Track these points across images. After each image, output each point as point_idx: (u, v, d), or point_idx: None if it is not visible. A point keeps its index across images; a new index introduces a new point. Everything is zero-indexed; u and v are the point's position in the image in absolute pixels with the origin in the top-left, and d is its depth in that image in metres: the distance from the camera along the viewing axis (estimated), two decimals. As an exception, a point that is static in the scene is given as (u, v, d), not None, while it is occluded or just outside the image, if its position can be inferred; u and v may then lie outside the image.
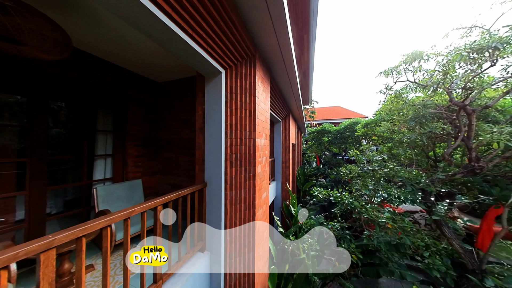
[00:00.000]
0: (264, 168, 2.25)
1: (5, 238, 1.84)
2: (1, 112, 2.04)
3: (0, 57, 1.73)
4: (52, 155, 2.25)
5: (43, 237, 0.72)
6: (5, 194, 1.89)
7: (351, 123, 9.10)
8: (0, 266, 0.61)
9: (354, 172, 4.13)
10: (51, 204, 2.60)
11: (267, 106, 2.37)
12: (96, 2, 0.90)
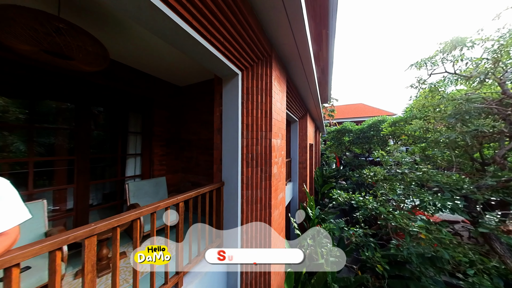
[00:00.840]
0: (280, 168, 2.22)
1: (58, 223, 2.18)
2: (56, 117, 2.43)
3: (55, 71, 2.05)
4: (93, 154, 2.60)
5: (87, 225, 0.83)
6: (59, 187, 2.25)
7: (376, 122, 8.34)
8: (56, 247, 0.72)
9: (379, 174, 3.80)
10: (93, 196, 2.99)
11: (283, 105, 2.33)
12: (128, 17, 1.01)
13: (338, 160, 11.40)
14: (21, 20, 1.15)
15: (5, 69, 1.75)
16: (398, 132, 5.87)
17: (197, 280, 1.41)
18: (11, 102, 2.13)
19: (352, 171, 8.56)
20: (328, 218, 4.21)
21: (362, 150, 9.70)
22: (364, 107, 17.99)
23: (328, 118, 13.91)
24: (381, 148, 7.36)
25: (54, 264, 0.73)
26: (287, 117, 4.15)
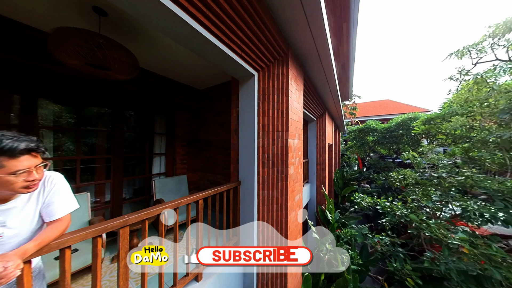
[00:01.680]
0: (297, 169, 2.17)
1: (98, 214, 2.50)
2: (97, 121, 2.79)
3: (96, 81, 2.35)
4: (126, 153, 2.92)
5: (121, 217, 0.93)
6: (99, 181, 2.57)
7: (406, 119, 7.50)
8: (98, 234, 0.83)
9: (410, 178, 3.42)
10: (125, 191, 3.35)
11: (300, 105, 2.27)
12: (154, 29, 1.10)
13: (361, 162, 10.61)
14: (71, 39, 1.35)
15: (58, 81, 2.08)
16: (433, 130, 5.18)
17: (214, 276, 1.46)
18: (64, 109, 2.52)
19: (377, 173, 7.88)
20: (349, 223, 3.95)
21: (389, 151, 8.85)
22: (391, 103, 16.38)
23: (349, 117, 13.05)
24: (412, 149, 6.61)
25: (96, 248, 0.84)
26: (305, 116, 4.03)
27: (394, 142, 7.99)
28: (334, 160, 7.59)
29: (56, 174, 0.82)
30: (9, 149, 0.61)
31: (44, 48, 1.75)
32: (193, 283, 1.34)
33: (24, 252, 0.64)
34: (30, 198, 0.75)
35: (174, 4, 0.96)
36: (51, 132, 2.32)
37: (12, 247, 0.69)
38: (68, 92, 2.19)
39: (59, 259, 0.76)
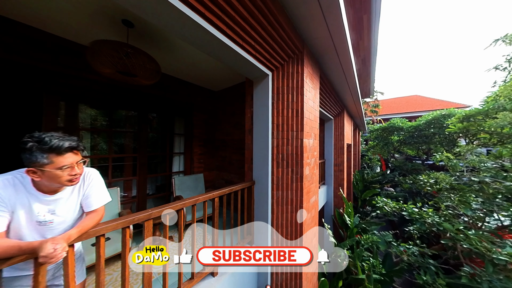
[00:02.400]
0: (313, 170, 2.10)
1: (126, 207, 2.75)
2: (125, 123, 3.07)
3: (124, 87, 2.59)
4: (149, 152, 3.18)
5: (145, 210, 1.02)
6: (127, 178, 2.83)
7: (438, 116, 6.67)
8: (126, 225, 0.92)
9: (443, 182, 3.06)
10: (149, 187, 3.63)
11: (316, 103, 2.20)
12: (174, 35, 1.18)
13: (384, 163, 9.81)
14: (104, 50, 1.52)
15: (95, 88, 2.35)
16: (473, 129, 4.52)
17: (229, 274, 1.50)
18: (98, 113, 2.84)
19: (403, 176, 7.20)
20: (370, 229, 3.69)
21: (418, 152, 8.02)
22: (419, 99, 14.81)
23: (371, 115, 12.18)
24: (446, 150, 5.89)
25: (125, 238, 0.93)
26: (321, 115, 3.88)
27: (423, 142, 7.20)
28: (353, 161, 7.16)
29: (93, 170, 0.93)
30: (57, 148, 0.71)
31: (83, 59, 1.99)
32: (209, 277, 1.39)
33: (69, 237, 0.73)
34: (73, 190, 0.86)
35: (192, 11, 1.01)
36: (88, 133, 2.63)
37: (59, 232, 0.80)
38: (102, 97, 2.46)
39: (95, 246, 0.86)
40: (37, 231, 0.78)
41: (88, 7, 1.56)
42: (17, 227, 0.74)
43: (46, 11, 1.60)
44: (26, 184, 0.75)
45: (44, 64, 1.91)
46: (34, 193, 0.76)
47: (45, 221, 0.78)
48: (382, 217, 5.41)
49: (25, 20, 1.72)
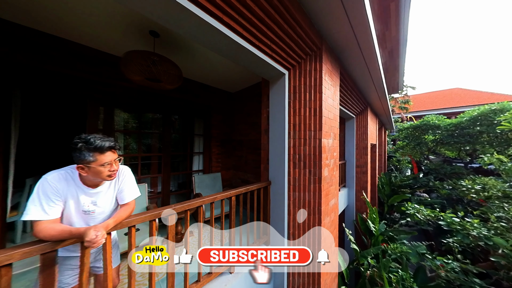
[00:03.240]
0: (332, 171, 2.00)
1: (152, 202, 3.00)
2: (151, 125, 3.36)
3: (151, 92, 2.84)
4: (173, 151, 3.43)
5: (169, 206, 1.10)
6: (153, 175, 3.09)
7: (486, 112, 5.69)
8: (153, 218, 1.01)
9: (494, 189, 2.61)
10: (172, 184, 3.91)
11: (336, 101, 2.09)
12: (195, 41, 1.24)
13: (416, 165, 8.80)
14: (135, 59, 1.69)
15: (127, 93, 2.62)
16: (535, 126, 3.75)
17: (245, 272, 1.52)
18: (130, 116, 3.16)
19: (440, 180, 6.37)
20: (399, 238, 3.35)
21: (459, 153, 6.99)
22: (461, 93, 12.85)
23: (399, 112, 11.06)
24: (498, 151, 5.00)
25: (152, 230, 1.02)
26: (341, 114, 3.67)
27: (467, 142, 6.24)
28: (378, 163, 6.60)
29: (126, 167, 1.05)
30: (100, 147, 0.82)
31: (118, 69, 2.24)
32: (226, 273, 1.43)
33: (107, 226, 0.84)
34: (110, 185, 0.97)
35: (211, 16, 1.06)
36: (122, 134, 2.95)
37: (99, 221, 0.92)
38: (133, 102, 2.74)
39: (128, 235, 0.96)
40: (83, 219, 0.91)
41: (122, 22, 1.75)
42: (68, 215, 0.87)
43: (88, 28, 1.85)
44: (75, 178, 0.88)
45: (88, 75, 2.21)
46: (81, 186, 0.88)
47: (88, 210, 0.90)
48: (414, 226, 4.86)
49: (72, 38, 2.01)
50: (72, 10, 1.59)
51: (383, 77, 2.83)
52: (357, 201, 4.30)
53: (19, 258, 0.67)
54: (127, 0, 0.89)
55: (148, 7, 0.93)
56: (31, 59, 1.84)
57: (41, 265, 0.74)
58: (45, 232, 0.74)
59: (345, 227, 3.16)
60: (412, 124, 8.02)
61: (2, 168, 1.74)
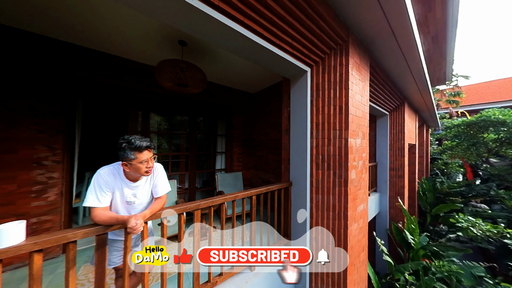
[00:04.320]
0: (361, 174, 1.83)
1: (180, 197, 3.27)
2: (180, 126, 3.67)
3: (179, 96, 3.10)
4: (198, 151, 3.68)
5: (195, 201, 1.18)
6: (181, 172, 3.37)
7: None
8: (182, 211, 1.10)
9: None
10: (197, 181, 4.20)
11: (365, 97, 1.91)
12: (217, 46, 1.31)
13: (470, 170, 7.34)
14: (166, 68, 1.87)
15: (160, 99, 2.93)
16: None
17: (265, 273, 1.52)
18: (162, 119, 3.52)
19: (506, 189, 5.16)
20: (446, 255, 2.86)
21: (535, 156, 5.55)
22: (540, 79, 10.13)
23: (447, 106, 9.41)
24: None
25: (181, 222, 1.11)
26: (372, 111, 3.34)
27: (547, 141, 4.90)
28: (418, 166, 5.76)
29: (160, 165, 1.17)
30: (139, 147, 0.95)
31: (152, 77, 2.53)
32: (247, 271, 1.46)
33: (144, 215, 0.95)
34: (147, 180, 1.10)
35: (232, 20, 1.09)
36: (155, 135, 3.30)
37: (138, 211, 1.05)
38: (164, 106, 3.04)
39: (161, 225, 1.07)
40: (126, 209, 1.05)
41: (155, 35, 1.97)
42: (115, 204, 1.02)
43: (128, 43, 2.14)
44: (120, 173, 1.02)
45: (129, 84, 2.55)
46: (125, 180, 1.03)
47: (130, 201, 1.04)
48: (467, 242, 4.07)
49: (116, 53, 2.35)
50: (116, 28, 1.86)
51: (425, 67, 2.45)
52: (391, 208, 3.84)
53: (81, 237, 0.82)
54: (157, 14, 1.00)
55: (175, 18, 1.03)
56: (87, 74, 2.22)
57: (96, 244, 0.89)
58: (98, 217, 0.89)
59: (376, 236, 2.85)
60: (464, 120, 6.68)
61: (69, 164, 2.15)
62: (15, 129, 1.82)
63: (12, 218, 1.76)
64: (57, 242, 0.76)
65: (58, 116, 2.03)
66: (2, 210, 1.76)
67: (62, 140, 2.05)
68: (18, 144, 1.83)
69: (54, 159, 2.00)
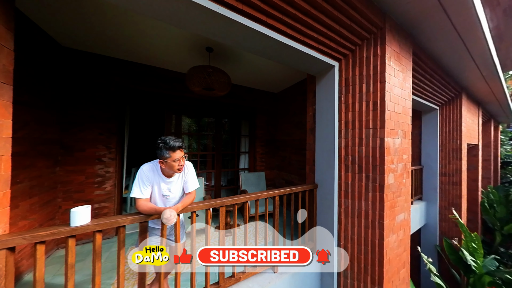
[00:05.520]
0: (401, 178, 1.60)
1: (207, 193, 3.50)
2: (207, 128, 3.92)
3: (206, 99, 3.32)
4: (223, 151, 3.88)
5: (220, 198, 1.25)
6: (208, 171, 3.60)
7: None
8: (208, 207, 1.17)
9: None
10: (222, 179, 4.42)
11: (406, 91, 1.66)
12: (241, 49, 1.35)
13: None
14: (195, 73, 2.03)
15: (190, 103, 3.20)
16: None
17: (290, 274, 1.48)
18: (192, 120, 3.84)
19: None
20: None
21: None
22: None
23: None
24: None
25: (207, 217, 1.18)
26: (416, 105, 2.88)
27: None
28: (482, 171, 4.66)
29: (190, 163, 1.28)
30: (173, 147, 1.06)
31: (183, 83, 2.78)
32: (270, 271, 1.45)
33: (177, 208, 1.06)
34: (179, 177, 1.22)
35: (255, 22, 1.11)
36: (186, 136, 3.62)
37: (172, 205, 1.17)
38: (194, 109, 3.30)
39: (190, 218, 1.17)
40: (162, 201, 1.19)
41: (186, 45, 2.16)
42: (154, 197, 1.16)
43: (163, 54, 2.40)
44: (158, 169, 1.16)
45: (165, 91, 2.87)
46: (161, 176, 1.16)
47: (166, 195, 1.17)
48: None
49: (154, 64, 2.68)
50: (153, 42, 2.11)
51: (492, 49, 1.96)
52: (442, 220, 3.23)
53: (129, 223, 0.96)
54: (187, 26, 1.09)
55: (203, 26, 1.10)
56: (133, 84, 2.60)
57: (139, 230, 1.03)
58: (141, 207, 1.03)
59: (421, 252, 2.44)
60: (557, 113, 5.07)
61: (120, 160, 2.56)
62: (84, 132, 2.28)
63: (81, 203, 2.21)
64: (112, 225, 0.92)
65: (112, 120, 2.44)
66: (76, 196, 2.23)
67: (115, 140, 2.46)
68: (86, 144, 2.29)
69: (110, 156, 2.42)
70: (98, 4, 1.55)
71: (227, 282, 1.25)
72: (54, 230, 0.81)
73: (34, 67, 1.77)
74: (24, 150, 1.65)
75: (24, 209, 1.67)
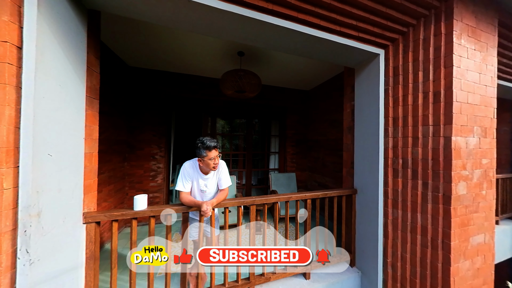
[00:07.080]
0: (478, 189, 1.24)
1: (239, 191, 3.66)
2: (238, 128, 4.11)
3: (238, 101, 3.48)
4: (254, 151, 3.98)
5: (251, 197, 1.28)
6: (239, 170, 3.76)
7: None
8: (239, 204, 1.23)
9: None
10: (253, 179, 4.54)
11: (487, 75, 1.27)
12: (271, 49, 1.34)
13: None
14: (227, 78, 2.16)
15: (223, 105, 3.43)
16: None
17: (325, 283, 1.38)
18: (225, 122, 4.10)
19: None
20: None
21: None
22: None
23: None
24: None
25: (239, 213, 1.24)
26: (504, 93, 2.18)
27: None
28: None
29: (223, 162, 1.37)
30: (209, 146, 1.16)
31: (217, 88, 3.00)
32: (301, 277, 1.39)
33: (212, 203, 1.15)
34: (214, 174, 1.33)
35: (286, 19, 1.08)
36: (220, 136, 3.90)
37: (208, 199, 1.28)
38: (226, 111, 3.53)
39: (224, 213, 1.25)
40: (200, 196, 1.32)
41: (220, 51, 2.32)
42: (193, 191, 1.31)
43: (199, 62, 2.66)
44: (196, 167, 1.30)
45: (202, 96, 3.18)
46: (200, 173, 1.29)
47: (203, 190, 1.29)
48: None
49: (193, 72, 3.00)
50: (191, 52, 2.35)
51: None
52: (552, 251, 2.30)
53: (174, 212, 1.12)
54: (221, 34, 1.17)
55: (235, 32, 1.16)
56: (176, 91, 3.00)
57: (182, 220, 1.19)
58: (183, 199, 1.18)
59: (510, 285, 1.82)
60: None
61: (168, 158, 3.00)
62: (143, 134, 2.79)
63: (141, 192, 2.70)
64: (161, 212, 1.09)
65: (162, 124, 2.89)
66: (137, 186, 2.75)
67: (164, 141, 2.91)
68: (144, 144, 2.80)
69: (161, 154, 2.88)
70: (151, 26, 1.86)
71: (257, 279, 1.27)
72: (123, 211, 1.03)
73: (110, 83, 2.29)
74: (105, 148, 2.16)
75: (105, 194, 2.18)
